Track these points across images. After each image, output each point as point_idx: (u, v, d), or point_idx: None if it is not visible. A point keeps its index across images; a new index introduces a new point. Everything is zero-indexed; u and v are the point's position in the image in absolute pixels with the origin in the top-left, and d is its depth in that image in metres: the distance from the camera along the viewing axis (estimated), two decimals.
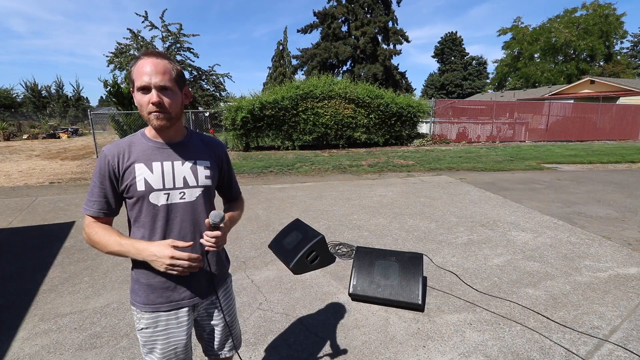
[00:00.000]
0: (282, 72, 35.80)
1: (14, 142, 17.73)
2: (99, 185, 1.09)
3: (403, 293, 2.54)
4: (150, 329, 1.19)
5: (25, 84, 30.28)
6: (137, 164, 1.08)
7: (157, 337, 1.20)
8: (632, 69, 38.94)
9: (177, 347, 1.22)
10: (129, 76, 1.07)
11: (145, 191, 1.09)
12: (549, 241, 3.92)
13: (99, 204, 1.10)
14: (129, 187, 1.09)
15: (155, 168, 1.10)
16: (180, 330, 1.22)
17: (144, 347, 1.23)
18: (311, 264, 3.19)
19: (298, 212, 5.05)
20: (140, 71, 1.02)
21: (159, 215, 1.12)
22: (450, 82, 49.61)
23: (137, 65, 1.04)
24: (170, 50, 21.67)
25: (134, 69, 1.04)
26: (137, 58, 1.06)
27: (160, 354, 1.21)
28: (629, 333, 2.28)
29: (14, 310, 2.57)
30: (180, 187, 1.14)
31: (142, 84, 1.02)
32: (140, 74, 1.02)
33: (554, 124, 16.24)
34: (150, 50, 1.08)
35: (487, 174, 8.27)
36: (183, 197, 1.15)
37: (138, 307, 1.18)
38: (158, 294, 1.16)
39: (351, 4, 30.88)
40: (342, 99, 12.84)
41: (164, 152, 1.12)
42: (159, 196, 1.11)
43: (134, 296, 1.19)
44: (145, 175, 1.09)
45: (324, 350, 2.13)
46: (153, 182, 1.10)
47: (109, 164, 1.08)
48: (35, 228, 4.45)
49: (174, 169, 1.13)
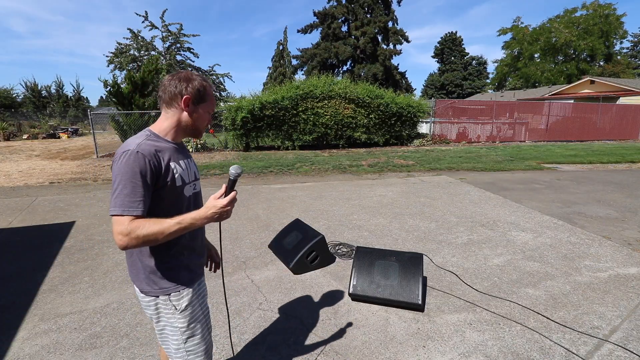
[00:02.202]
0: (282, 72, 35.80)
1: (14, 142, 17.73)
2: (141, 184, 1.12)
3: (403, 293, 2.54)
4: (194, 303, 1.32)
5: (25, 84, 30.28)
6: (172, 162, 1.23)
7: (199, 309, 1.35)
8: (632, 69, 38.93)
9: (208, 315, 1.43)
10: (207, 94, 1.29)
11: (182, 185, 1.27)
12: (549, 241, 3.92)
13: (144, 203, 1.13)
14: (168, 183, 1.21)
15: (183, 165, 1.28)
16: (205, 298, 1.44)
17: (187, 329, 1.30)
18: (311, 264, 3.19)
19: (298, 212, 5.06)
20: (213, 99, 1.33)
21: (190, 204, 1.32)
22: (450, 82, 49.61)
23: (210, 91, 1.31)
24: (170, 50, 21.66)
25: (208, 92, 1.30)
26: (205, 80, 1.30)
27: (203, 324, 1.36)
28: (629, 333, 2.28)
29: (14, 310, 2.57)
30: (193, 180, 1.35)
31: (213, 110, 1.34)
32: (213, 102, 1.33)
33: (554, 124, 16.24)
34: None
35: (487, 174, 8.27)
36: (196, 188, 1.37)
37: (181, 287, 1.28)
38: (193, 267, 1.35)
39: (351, 4, 30.89)
40: (342, 99, 12.84)
41: (181, 152, 1.31)
42: (189, 188, 1.31)
43: (174, 278, 1.27)
44: (179, 172, 1.26)
45: (324, 350, 2.13)
46: (185, 177, 1.28)
47: (150, 163, 1.14)
48: (35, 228, 4.45)
49: (189, 165, 1.32)
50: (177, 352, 1.31)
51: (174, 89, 1.23)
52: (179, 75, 1.26)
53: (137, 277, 1.26)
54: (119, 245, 1.08)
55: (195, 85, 1.24)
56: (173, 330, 1.29)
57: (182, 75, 1.26)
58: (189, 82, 1.24)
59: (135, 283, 1.28)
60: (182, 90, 1.23)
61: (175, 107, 1.25)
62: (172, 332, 1.29)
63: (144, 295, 1.26)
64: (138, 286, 1.27)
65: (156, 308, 1.27)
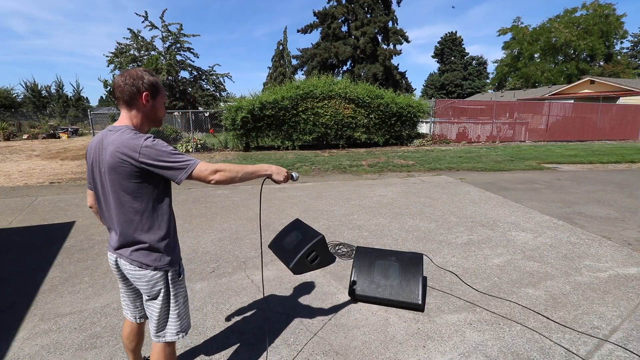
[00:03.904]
0: (282, 72, 35.79)
1: (14, 142, 17.73)
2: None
3: (403, 293, 2.54)
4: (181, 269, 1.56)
5: (25, 84, 30.31)
6: None
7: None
8: (632, 69, 38.90)
9: None
10: (160, 87, 1.43)
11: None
12: (549, 241, 3.92)
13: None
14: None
15: None
16: None
17: (186, 299, 1.57)
18: (311, 264, 3.19)
19: (298, 212, 5.06)
20: (163, 89, 1.46)
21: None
22: (450, 82, 49.59)
23: (159, 83, 1.44)
24: (170, 50, 21.66)
25: (159, 84, 1.43)
26: (152, 73, 1.41)
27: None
28: (629, 333, 2.28)
29: (14, 310, 2.57)
30: None
31: (165, 99, 1.49)
32: (164, 92, 1.47)
33: (554, 124, 16.24)
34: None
35: (487, 174, 8.27)
36: None
37: (180, 262, 1.54)
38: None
39: (351, 4, 30.87)
40: (342, 99, 12.84)
41: None
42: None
43: (176, 252, 1.50)
44: None
45: (324, 350, 2.13)
46: None
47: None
48: (35, 228, 4.45)
49: None
50: (178, 317, 1.53)
51: (132, 88, 1.35)
52: (130, 74, 1.36)
53: (147, 258, 1.40)
54: (215, 181, 1.32)
55: (149, 81, 1.37)
56: (180, 294, 1.53)
57: (133, 74, 1.36)
58: (142, 79, 1.36)
59: (144, 266, 1.40)
60: (140, 87, 1.35)
61: (137, 104, 1.38)
62: (181, 296, 1.53)
63: (155, 272, 1.42)
64: (149, 265, 1.40)
65: (166, 280, 1.46)
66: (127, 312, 1.67)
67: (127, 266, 1.42)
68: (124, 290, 1.62)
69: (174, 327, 1.52)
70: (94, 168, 1.42)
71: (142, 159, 1.26)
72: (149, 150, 1.26)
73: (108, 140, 1.32)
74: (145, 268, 1.40)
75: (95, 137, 1.42)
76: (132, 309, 1.65)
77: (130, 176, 1.29)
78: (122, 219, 1.37)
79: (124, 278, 1.56)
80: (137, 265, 1.40)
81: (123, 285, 1.60)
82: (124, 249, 1.41)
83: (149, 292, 1.46)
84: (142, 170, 1.29)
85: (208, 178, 1.31)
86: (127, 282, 1.58)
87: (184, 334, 1.56)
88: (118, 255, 1.45)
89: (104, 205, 1.44)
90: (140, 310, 1.66)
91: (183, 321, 1.55)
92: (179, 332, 1.53)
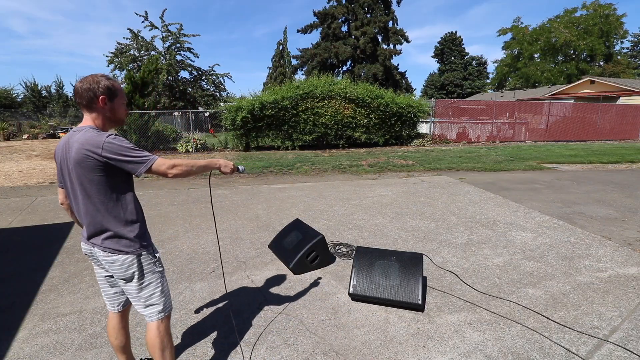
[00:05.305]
0: (282, 72, 35.76)
1: (14, 142, 17.73)
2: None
3: (403, 293, 2.54)
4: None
5: (25, 84, 30.23)
6: None
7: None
8: (632, 69, 38.91)
9: None
10: (117, 89, 1.52)
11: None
12: (549, 241, 3.92)
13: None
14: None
15: None
16: None
17: (163, 281, 1.66)
18: (311, 264, 3.19)
19: (298, 212, 5.06)
20: (122, 91, 1.58)
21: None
22: (450, 82, 49.59)
23: (117, 85, 1.53)
24: (170, 50, 21.64)
25: (117, 87, 1.53)
26: (109, 78, 1.52)
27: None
28: (629, 333, 2.28)
29: (14, 310, 2.57)
30: None
31: (125, 100, 1.60)
32: (124, 93, 1.58)
33: (554, 124, 16.24)
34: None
35: (487, 174, 8.27)
36: None
37: (152, 246, 1.64)
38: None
39: (351, 4, 30.88)
40: (342, 99, 12.84)
41: None
42: None
43: (147, 237, 1.61)
44: None
45: (324, 350, 2.13)
46: None
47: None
48: (35, 228, 4.45)
49: None
50: (162, 294, 1.63)
51: (89, 93, 1.44)
52: (87, 80, 1.46)
53: (118, 244, 1.50)
54: (173, 174, 1.43)
55: (104, 85, 1.47)
56: (155, 275, 1.61)
57: (90, 80, 1.46)
58: (98, 84, 1.46)
59: (116, 252, 1.49)
60: (96, 91, 1.45)
61: (96, 107, 1.47)
62: (156, 278, 1.61)
63: (127, 256, 1.50)
64: (121, 250, 1.49)
65: (139, 263, 1.54)
66: (107, 302, 1.74)
67: (100, 253, 1.52)
68: (101, 278, 1.68)
69: (156, 306, 1.62)
70: (62, 166, 1.52)
71: (105, 153, 1.37)
72: (111, 146, 1.38)
73: (73, 139, 1.43)
74: (117, 253, 1.50)
75: (62, 138, 1.54)
76: (111, 296, 1.72)
77: (94, 170, 1.40)
78: (91, 209, 1.48)
79: (101, 265, 1.63)
80: (109, 251, 1.50)
81: (99, 270, 1.66)
82: (96, 238, 1.52)
83: (122, 275, 1.54)
84: (105, 165, 1.40)
85: (166, 172, 1.43)
86: (103, 268, 1.64)
87: (165, 314, 1.65)
88: (91, 245, 1.54)
89: (73, 200, 1.54)
90: (118, 297, 1.72)
91: (164, 300, 1.65)
92: (160, 312, 1.63)
